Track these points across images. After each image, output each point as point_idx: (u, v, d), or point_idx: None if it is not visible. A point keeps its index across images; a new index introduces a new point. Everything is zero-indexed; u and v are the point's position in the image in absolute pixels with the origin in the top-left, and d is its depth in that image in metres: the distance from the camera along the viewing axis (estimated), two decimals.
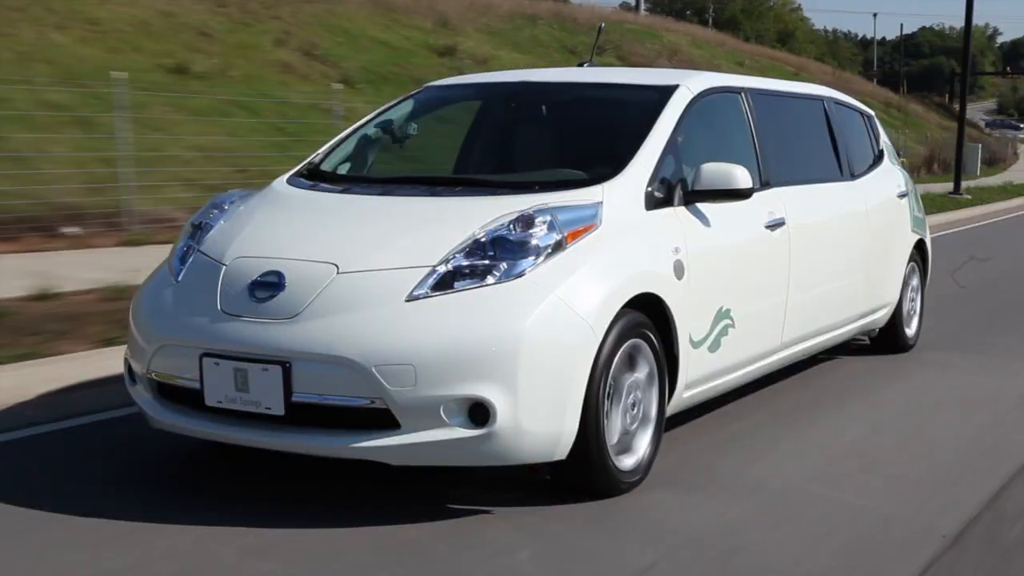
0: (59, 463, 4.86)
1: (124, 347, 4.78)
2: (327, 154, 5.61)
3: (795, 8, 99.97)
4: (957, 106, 32.84)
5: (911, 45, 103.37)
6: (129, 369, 4.66)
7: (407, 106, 5.98)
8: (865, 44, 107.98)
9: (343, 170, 5.50)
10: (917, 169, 33.38)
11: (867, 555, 3.96)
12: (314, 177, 5.35)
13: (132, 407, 4.82)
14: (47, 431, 5.31)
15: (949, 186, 27.35)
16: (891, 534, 4.16)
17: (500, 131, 6.05)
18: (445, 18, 26.40)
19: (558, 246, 4.32)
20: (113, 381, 5.62)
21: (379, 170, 5.64)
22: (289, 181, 5.28)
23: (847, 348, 7.49)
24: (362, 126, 5.84)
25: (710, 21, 72.14)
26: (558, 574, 3.77)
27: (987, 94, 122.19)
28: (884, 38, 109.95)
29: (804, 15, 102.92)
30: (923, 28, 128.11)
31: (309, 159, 5.58)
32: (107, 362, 6.03)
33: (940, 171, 36.52)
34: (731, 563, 3.87)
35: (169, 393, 4.47)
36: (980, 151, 40.86)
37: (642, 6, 59.40)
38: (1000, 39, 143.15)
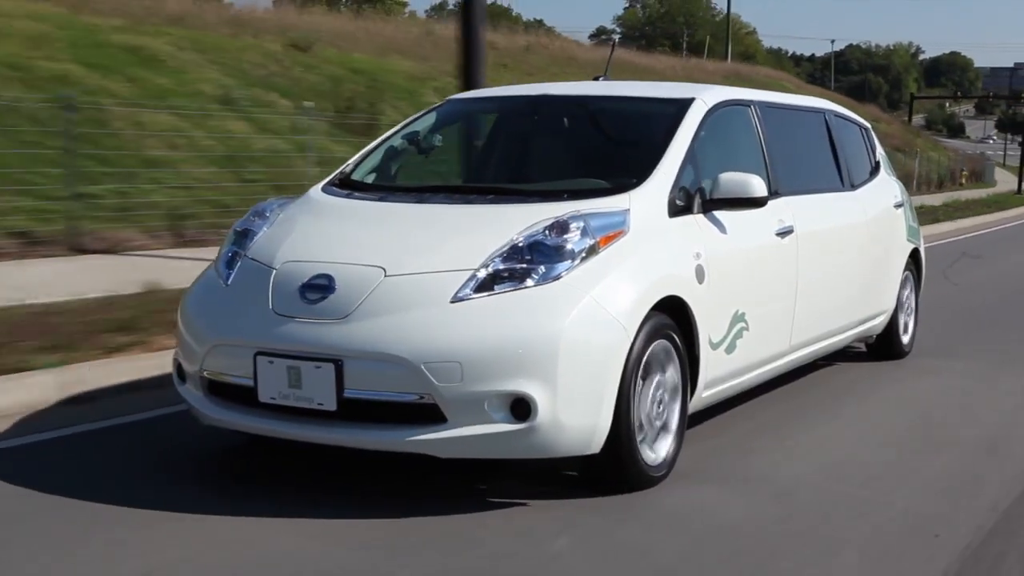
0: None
1: None
2: (356, 164, 5.84)
3: (750, 32, 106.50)
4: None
5: (840, 62, 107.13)
6: (178, 368, 4.87)
7: (430, 119, 6.22)
8: (798, 61, 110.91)
9: (371, 179, 5.72)
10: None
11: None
12: (346, 186, 5.57)
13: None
14: None
15: None
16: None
17: (523, 142, 6.28)
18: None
19: (592, 250, 4.56)
20: None
21: (407, 179, 5.87)
22: (324, 190, 5.51)
23: (845, 355, 7.74)
24: (388, 138, 6.07)
25: (684, 46, 74.26)
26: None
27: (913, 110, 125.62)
28: (813, 54, 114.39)
29: (758, 37, 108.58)
30: (850, 46, 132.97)
31: (340, 169, 5.81)
32: None
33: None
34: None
35: (220, 391, 4.67)
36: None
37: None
38: (922, 56, 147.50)
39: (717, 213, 5.35)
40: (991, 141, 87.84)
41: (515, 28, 43.37)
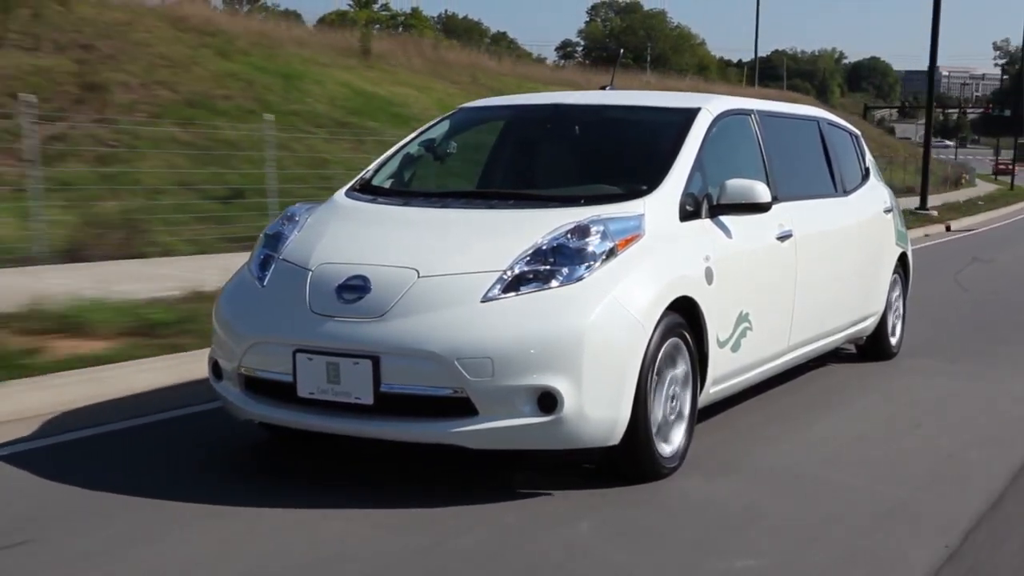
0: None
1: None
2: (376, 171, 6.08)
3: (700, 43, 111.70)
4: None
5: (768, 67, 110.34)
6: (214, 366, 5.09)
7: (443, 126, 6.46)
8: (725, 66, 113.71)
9: (390, 184, 5.96)
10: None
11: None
12: (368, 191, 5.81)
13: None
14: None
15: None
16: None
17: (533, 149, 6.55)
18: None
19: (611, 253, 4.83)
20: None
21: (424, 184, 6.12)
22: (347, 195, 5.74)
23: (836, 356, 8.02)
24: (404, 146, 6.31)
25: (648, 59, 75.66)
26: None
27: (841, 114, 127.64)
28: (740, 60, 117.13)
29: (709, 49, 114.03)
30: (776, 51, 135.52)
31: (360, 175, 6.04)
32: None
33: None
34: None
35: (257, 387, 4.90)
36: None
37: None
38: (844, 61, 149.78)
39: (724, 218, 5.61)
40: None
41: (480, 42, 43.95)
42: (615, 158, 5.99)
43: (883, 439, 5.93)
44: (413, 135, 6.43)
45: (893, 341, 8.35)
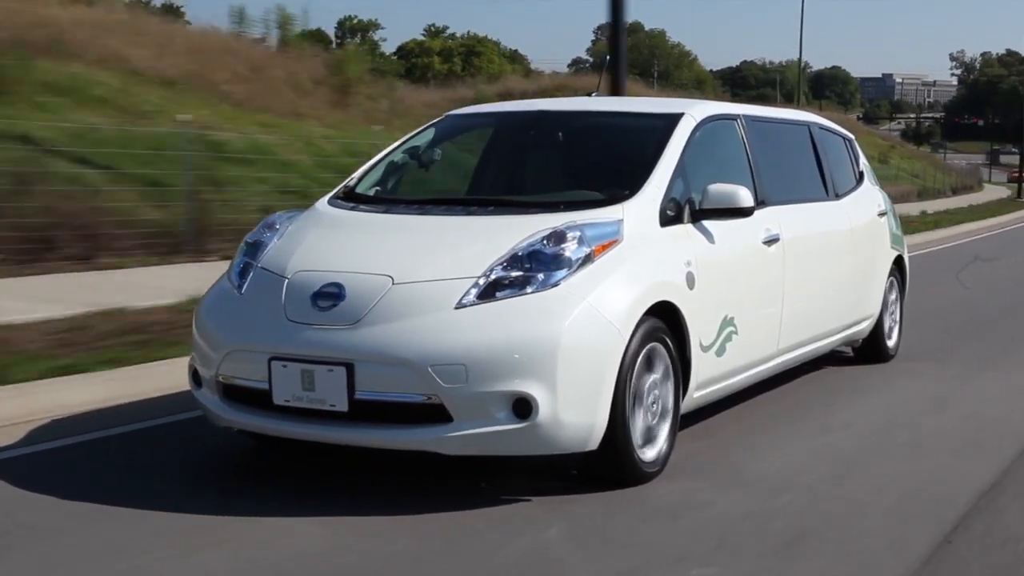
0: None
1: None
2: (360, 178, 6.09)
3: (694, 59, 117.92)
4: None
5: (739, 77, 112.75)
6: (194, 374, 5.11)
7: (429, 134, 6.48)
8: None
9: (374, 192, 5.97)
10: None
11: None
12: (351, 199, 5.82)
13: None
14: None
15: None
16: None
17: (520, 156, 6.55)
18: None
19: (587, 259, 4.82)
20: None
21: (407, 192, 6.13)
22: (330, 203, 5.76)
23: (832, 359, 7.99)
24: (389, 153, 6.32)
25: (655, 75, 77.85)
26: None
27: None
28: (712, 70, 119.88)
29: (703, 64, 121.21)
30: (745, 62, 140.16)
31: (344, 183, 6.06)
32: None
33: None
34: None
35: (235, 395, 4.92)
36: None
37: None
38: (809, 70, 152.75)
39: (706, 223, 5.60)
40: None
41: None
42: (598, 164, 5.99)
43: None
44: (398, 142, 6.44)
45: (890, 344, 8.32)
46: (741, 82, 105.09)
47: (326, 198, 5.86)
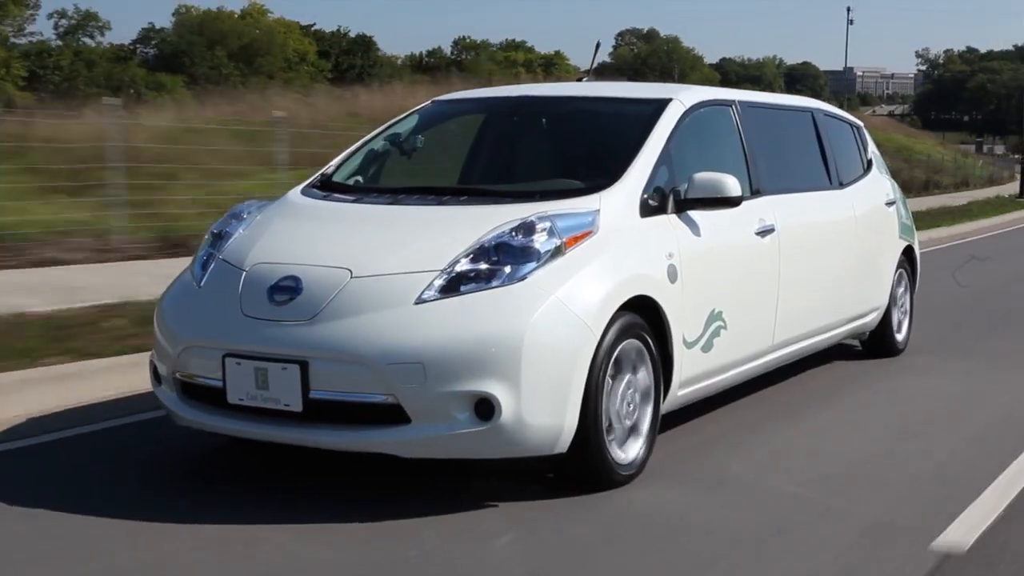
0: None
1: None
2: (338, 166, 5.89)
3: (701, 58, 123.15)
4: None
5: (720, 74, 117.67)
6: (155, 370, 4.94)
7: (412, 120, 6.26)
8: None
9: (353, 181, 5.77)
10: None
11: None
12: (326, 188, 5.63)
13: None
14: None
15: None
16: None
17: (503, 143, 6.32)
18: None
19: (557, 251, 4.60)
20: None
21: (388, 181, 5.92)
22: (303, 192, 5.57)
23: (839, 351, 7.75)
24: (370, 140, 6.12)
25: (676, 77, 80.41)
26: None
27: None
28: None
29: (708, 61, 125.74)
30: (724, 59, 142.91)
31: (321, 171, 5.86)
32: None
33: None
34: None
35: (193, 392, 4.74)
36: None
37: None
38: (784, 66, 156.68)
39: (692, 213, 5.37)
40: None
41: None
42: (581, 151, 5.78)
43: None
44: (380, 129, 6.23)
45: (899, 337, 8.06)
46: (724, 79, 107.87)
47: (300, 187, 5.66)
